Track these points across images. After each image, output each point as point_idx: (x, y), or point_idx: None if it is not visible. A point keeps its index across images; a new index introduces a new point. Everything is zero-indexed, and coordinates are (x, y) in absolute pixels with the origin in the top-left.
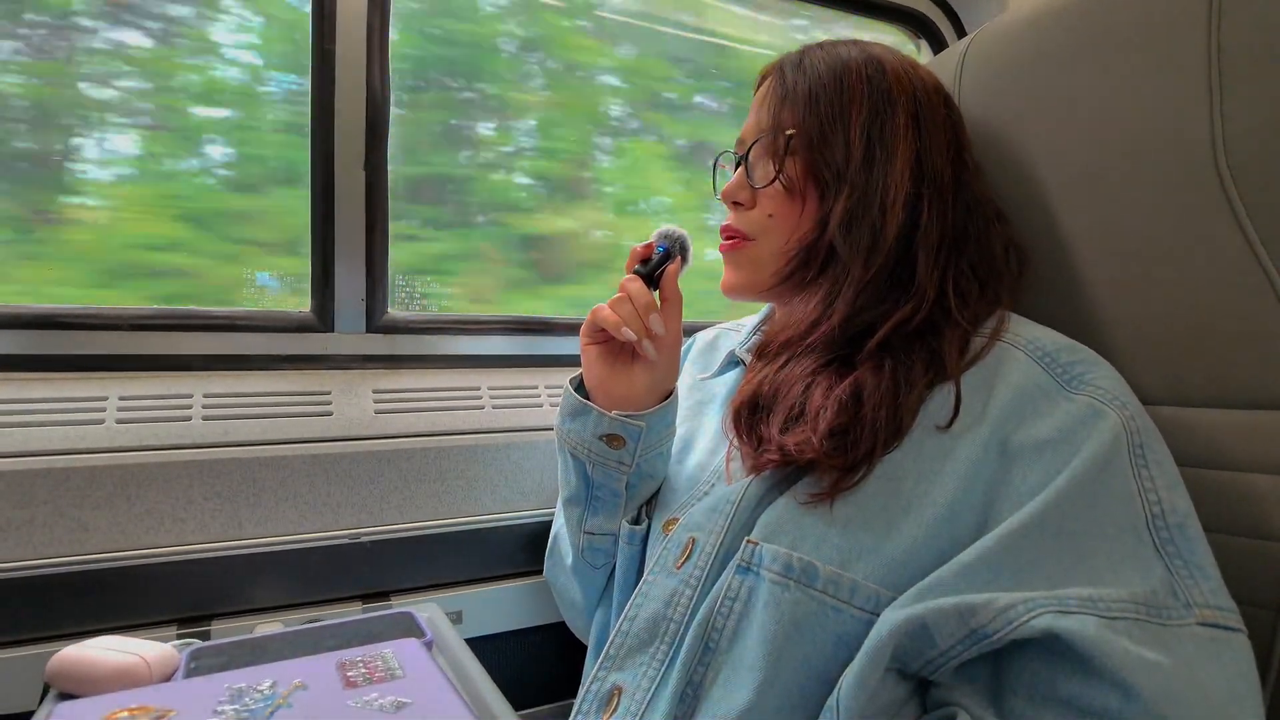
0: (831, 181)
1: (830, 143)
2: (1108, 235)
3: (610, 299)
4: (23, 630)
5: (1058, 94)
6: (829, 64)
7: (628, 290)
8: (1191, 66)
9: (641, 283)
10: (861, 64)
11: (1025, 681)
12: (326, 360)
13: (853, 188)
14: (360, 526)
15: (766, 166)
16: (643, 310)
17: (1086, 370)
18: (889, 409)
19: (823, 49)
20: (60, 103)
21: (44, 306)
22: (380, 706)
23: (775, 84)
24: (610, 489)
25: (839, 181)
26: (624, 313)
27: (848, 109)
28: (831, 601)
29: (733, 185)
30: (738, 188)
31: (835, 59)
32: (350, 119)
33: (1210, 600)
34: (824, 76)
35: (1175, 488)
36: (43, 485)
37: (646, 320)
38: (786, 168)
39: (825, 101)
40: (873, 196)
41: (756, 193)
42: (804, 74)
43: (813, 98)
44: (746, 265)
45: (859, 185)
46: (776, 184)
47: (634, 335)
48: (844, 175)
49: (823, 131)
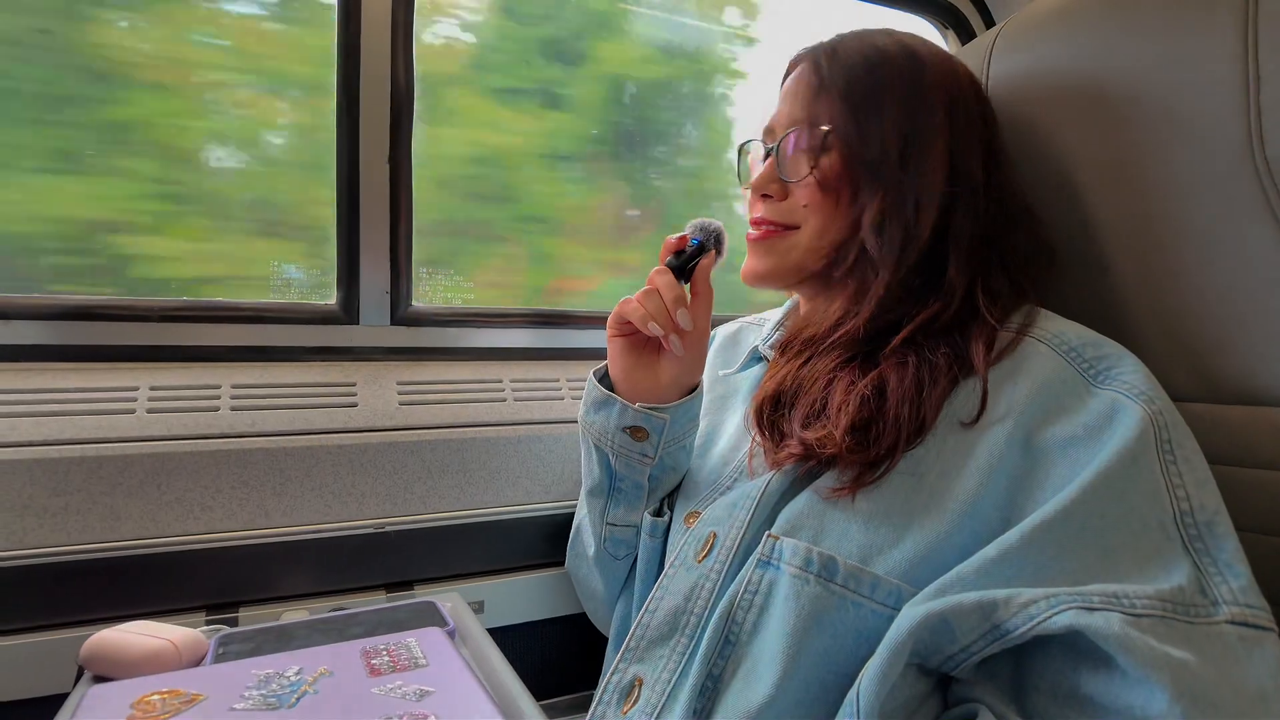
0: (866, 180)
1: (867, 140)
2: (1138, 228)
3: (639, 291)
4: (58, 614)
5: (1087, 84)
6: (865, 56)
7: (656, 283)
8: (1228, 56)
9: (671, 276)
10: (899, 57)
11: (1048, 678)
12: (351, 352)
13: (887, 188)
14: (384, 516)
15: (800, 161)
16: (671, 305)
17: (1113, 365)
18: (912, 405)
19: (857, 39)
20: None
21: (77, 298)
22: (404, 694)
23: (808, 74)
24: (633, 481)
25: (874, 180)
26: (652, 307)
27: (885, 105)
28: (852, 596)
29: (764, 177)
30: (769, 180)
31: (871, 50)
32: (375, 112)
33: (1240, 598)
34: (859, 69)
35: (1204, 484)
36: (76, 473)
37: (674, 316)
38: (821, 164)
39: (861, 96)
40: (907, 196)
41: (788, 185)
42: (839, 66)
43: (848, 92)
44: (777, 254)
45: (894, 185)
46: (810, 178)
47: (660, 331)
48: (880, 174)
49: (860, 128)
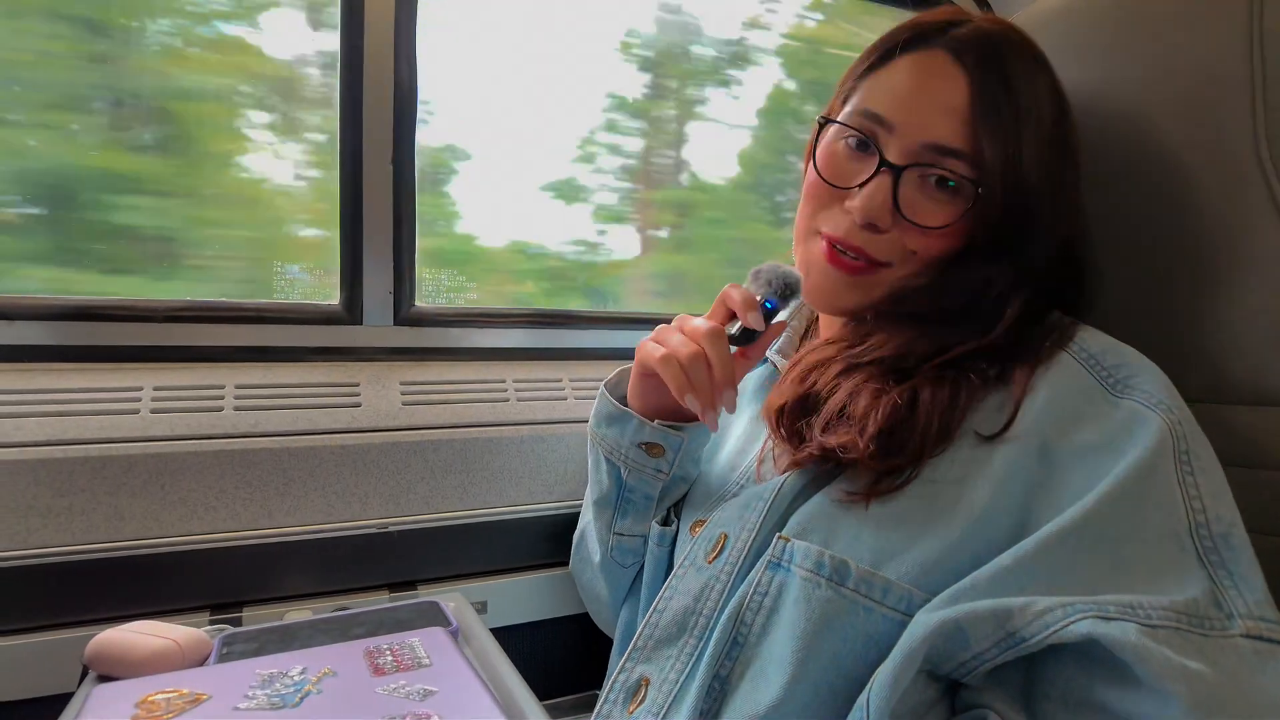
0: (1010, 242)
1: (1033, 211)
2: (1145, 230)
3: (685, 349)
4: (62, 614)
5: (1091, 84)
6: (1050, 84)
7: (708, 353)
8: (1232, 56)
9: (726, 347)
10: (1047, 67)
11: (1059, 686)
12: (355, 352)
13: (1028, 250)
14: (388, 516)
15: (939, 208)
16: (719, 382)
17: (1132, 374)
18: (942, 417)
19: (1024, 41)
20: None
21: (81, 299)
22: (408, 694)
23: (977, 86)
24: (644, 493)
25: (1018, 241)
26: (697, 380)
27: (1069, 162)
28: (863, 601)
29: (879, 205)
30: (883, 209)
31: (1050, 74)
32: (378, 113)
33: (1255, 612)
34: (1050, 108)
35: (1221, 495)
36: (80, 473)
37: (719, 397)
38: (969, 216)
39: (1052, 160)
40: (1038, 256)
41: (899, 217)
42: (1031, 91)
43: (1040, 145)
44: (863, 289)
45: (1037, 248)
46: (946, 230)
47: (699, 407)
48: (1028, 235)
49: (1033, 194)
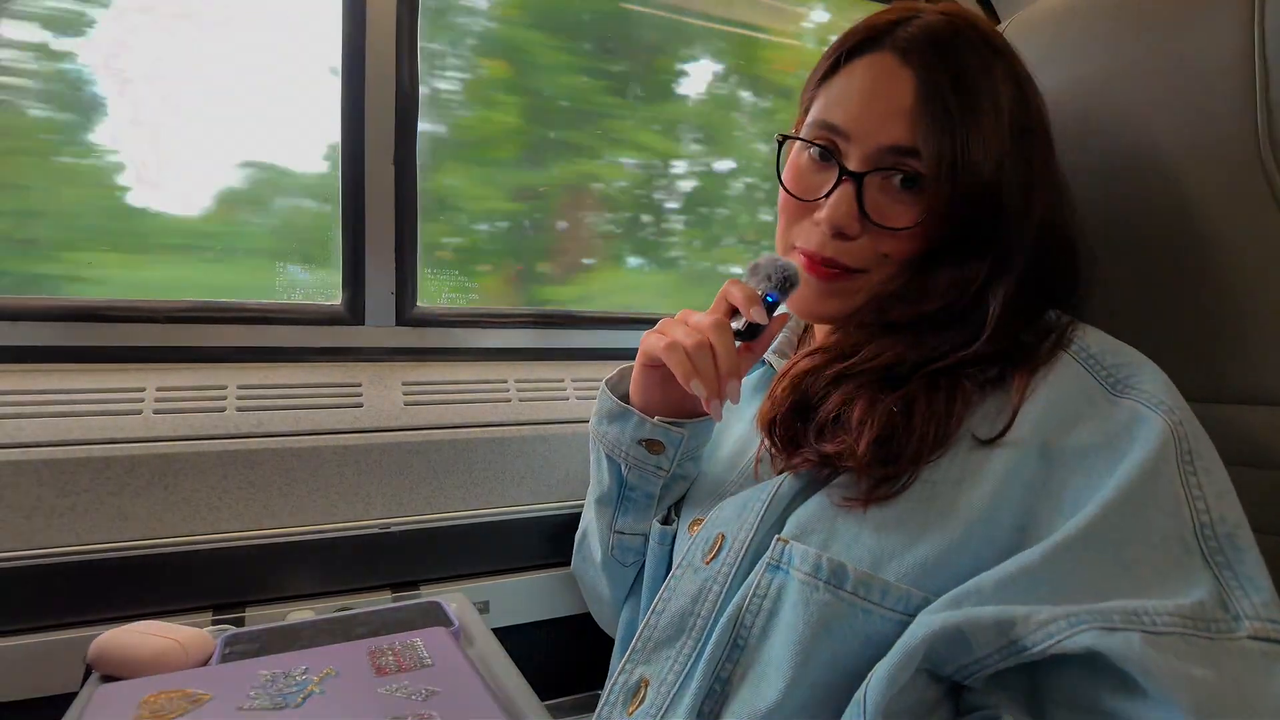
0: (979, 239)
1: (1001, 208)
2: (1146, 228)
3: (690, 338)
4: (65, 614)
5: (1094, 82)
6: (1009, 72)
7: (713, 343)
8: (1235, 55)
9: (731, 339)
10: (1004, 52)
11: (1066, 692)
12: (357, 353)
13: (1001, 243)
14: (390, 516)
15: (901, 208)
16: (724, 373)
17: (1133, 374)
18: (939, 424)
19: (977, 31)
20: None
21: (84, 300)
22: (410, 694)
23: (924, 84)
24: (645, 491)
25: (990, 235)
26: (701, 367)
27: (1038, 147)
28: (861, 604)
29: (844, 214)
30: (849, 218)
31: (1009, 61)
32: (380, 114)
33: (1262, 613)
34: (1009, 96)
35: (1225, 496)
36: (83, 474)
37: (724, 387)
38: (930, 212)
39: (1014, 149)
40: (1015, 251)
41: (868, 222)
42: (984, 82)
43: (998, 135)
44: (842, 297)
45: (1011, 239)
46: (913, 231)
47: (704, 394)
48: (998, 228)
49: (993, 184)
